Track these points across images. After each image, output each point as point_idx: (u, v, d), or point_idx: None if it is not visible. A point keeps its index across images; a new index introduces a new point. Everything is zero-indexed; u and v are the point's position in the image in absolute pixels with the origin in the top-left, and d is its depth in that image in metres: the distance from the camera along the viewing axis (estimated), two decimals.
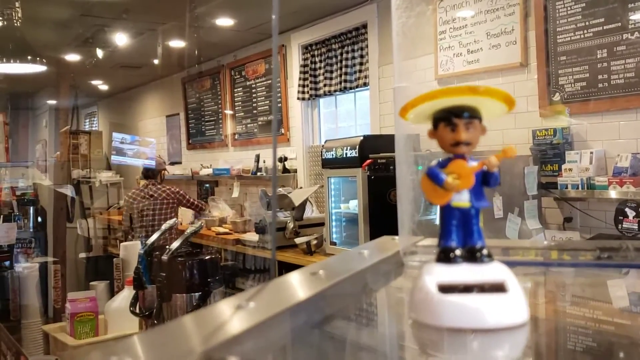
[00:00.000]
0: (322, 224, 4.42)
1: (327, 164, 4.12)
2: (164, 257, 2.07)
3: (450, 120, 0.64)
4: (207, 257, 2.05)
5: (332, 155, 4.05)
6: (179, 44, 5.90)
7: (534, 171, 3.04)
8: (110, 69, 6.96)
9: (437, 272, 0.64)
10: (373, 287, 0.79)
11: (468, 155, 0.66)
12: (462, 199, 0.65)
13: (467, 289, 0.62)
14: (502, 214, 2.87)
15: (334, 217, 4.21)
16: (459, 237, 0.65)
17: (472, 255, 0.65)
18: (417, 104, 0.65)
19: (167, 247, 2.12)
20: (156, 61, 6.39)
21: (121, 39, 5.57)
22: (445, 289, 0.62)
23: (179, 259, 2.12)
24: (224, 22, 5.16)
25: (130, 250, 2.88)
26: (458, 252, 0.65)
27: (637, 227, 2.82)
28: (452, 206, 0.65)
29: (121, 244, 3.12)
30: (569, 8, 3.17)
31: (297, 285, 0.67)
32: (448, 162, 0.66)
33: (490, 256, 0.65)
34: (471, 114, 0.65)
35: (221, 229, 5.28)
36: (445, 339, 0.61)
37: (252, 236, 4.66)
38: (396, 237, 0.84)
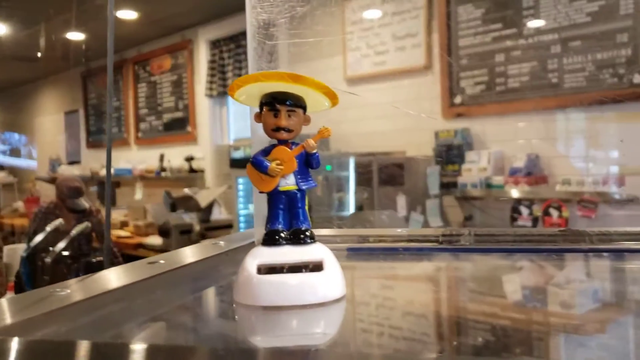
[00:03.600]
0: (230, 226, 4.34)
1: (236, 163, 4.03)
2: (47, 260, 1.91)
3: (274, 105, 0.68)
4: (94, 260, 1.91)
5: (241, 154, 3.98)
6: (78, 36, 5.59)
7: (436, 171, 3.12)
8: (0, 61, 6.47)
9: (260, 254, 0.67)
10: (212, 273, 0.81)
11: (290, 141, 0.69)
12: (289, 183, 0.69)
13: (284, 269, 0.65)
14: (405, 212, 2.91)
15: (242, 219, 4.14)
16: (286, 220, 0.69)
17: (297, 237, 0.68)
18: (242, 85, 0.68)
19: (52, 249, 1.96)
20: (53, 54, 6.02)
21: (11, 28, 5.18)
22: (265, 269, 0.65)
23: (67, 261, 1.97)
24: (127, 14, 4.93)
25: (14, 254, 2.67)
26: (283, 234, 0.68)
27: (531, 224, 2.96)
28: (279, 191, 0.69)
29: (5, 247, 2.88)
30: (469, 13, 3.28)
31: (126, 274, 0.66)
32: (271, 149, 0.69)
33: (312, 238, 0.69)
34: (294, 102, 0.68)
35: (122, 232, 5.03)
36: (262, 318, 0.64)
37: (155, 239, 4.48)
38: None
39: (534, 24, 3.05)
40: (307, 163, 0.69)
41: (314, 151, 0.68)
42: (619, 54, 2.79)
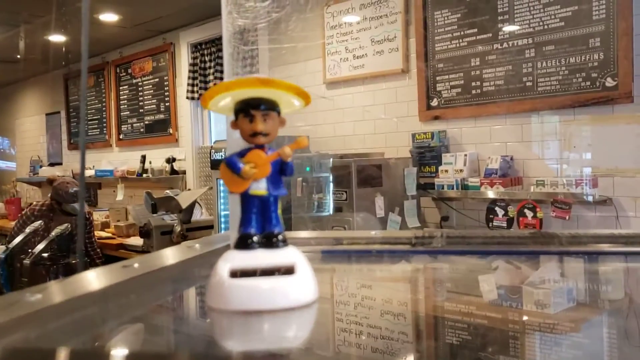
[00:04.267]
0: (211, 227, 4.34)
1: (217, 165, 4.04)
2: (26, 262, 1.92)
3: (248, 111, 0.68)
4: (74, 262, 1.93)
5: (222, 156, 3.99)
6: (59, 38, 5.56)
7: (414, 172, 3.17)
8: None
9: (232, 258, 0.66)
10: (186, 276, 0.80)
11: (267, 145, 0.69)
12: (260, 188, 0.68)
13: (257, 272, 0.64)
14: (383, 213, 2.96)
15: (223, 220, 4.14)
16: (258, 224, 0.68)
17: (269, 241, 0.68)
18: (214, 95, 0.68)
19: (30, 250, 1.97)
20: (34, 56, 5.98)
21: None
22: (237, 273, 0.64)
23: (46, 263, 1.99)
24: (108, 17, 4.93)
25: None
26: (255, 238, 0.67)
27: (506, 225, 3.02)
28: (250, 194, 0.68)
29: None
30: (446, 18, 3.34)
31: (99, 278, 0.65)
32: (247, 152, 0.69)
33: (285, 241, 0.68)
34: (268, 106, 0.68)
35: (103, 234, 5.03)
36: (235, 321, 0.63)
37: (137, 240, 4.48)
38: None
39: (508, 28, 3.12)
40: (281, 170, 0.69)
41: (289, 160, 0.68)
42: (591, 58, 2.86)
